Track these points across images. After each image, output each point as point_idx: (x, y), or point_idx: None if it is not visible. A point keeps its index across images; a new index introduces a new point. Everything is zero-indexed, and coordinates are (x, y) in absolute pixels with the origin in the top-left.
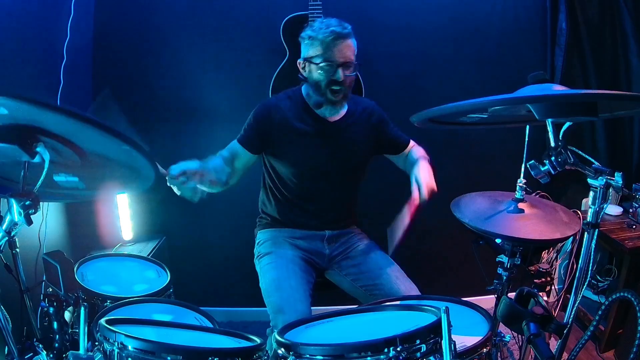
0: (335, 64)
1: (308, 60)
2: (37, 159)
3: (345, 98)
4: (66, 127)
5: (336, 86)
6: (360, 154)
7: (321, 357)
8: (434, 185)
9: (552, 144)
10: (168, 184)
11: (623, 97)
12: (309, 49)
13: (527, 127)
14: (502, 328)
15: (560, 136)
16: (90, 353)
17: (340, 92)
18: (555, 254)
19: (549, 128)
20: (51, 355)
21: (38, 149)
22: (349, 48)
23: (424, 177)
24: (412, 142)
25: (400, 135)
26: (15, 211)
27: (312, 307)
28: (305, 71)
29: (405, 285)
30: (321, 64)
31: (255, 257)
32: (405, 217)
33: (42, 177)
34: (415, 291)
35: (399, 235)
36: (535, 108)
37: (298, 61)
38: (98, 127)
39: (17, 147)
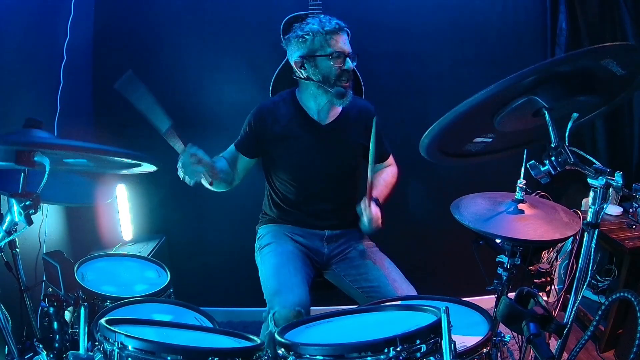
0: (344, 53)
1: (311, 56)
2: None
3: (350, 89)
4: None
5: (346, 76)
6: (355, 155)
7: (321, 357)
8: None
9: (552, 143)
10: (179, 161)
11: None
12: (310, 45)
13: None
14: (502, 328)
15: (567, 136)
16: (90, 353)
17: (349, 82)
18: (555, 254)
19: (550, 128)
20: (51, 355)
21: (36, 159)
22: (348, 41)
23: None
24: (390, 159)
25: (383, 150)
26: (16, 211)
27: (312, 307)
28: (304, 69)
29: (403, 288)
30: (334, 54)
31: (256, 250)
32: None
33: (43, 182)
34: (413, 293)
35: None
36: (541, 94)
37: (294, 61)
38: (97, 153)
39: (14, 164)
